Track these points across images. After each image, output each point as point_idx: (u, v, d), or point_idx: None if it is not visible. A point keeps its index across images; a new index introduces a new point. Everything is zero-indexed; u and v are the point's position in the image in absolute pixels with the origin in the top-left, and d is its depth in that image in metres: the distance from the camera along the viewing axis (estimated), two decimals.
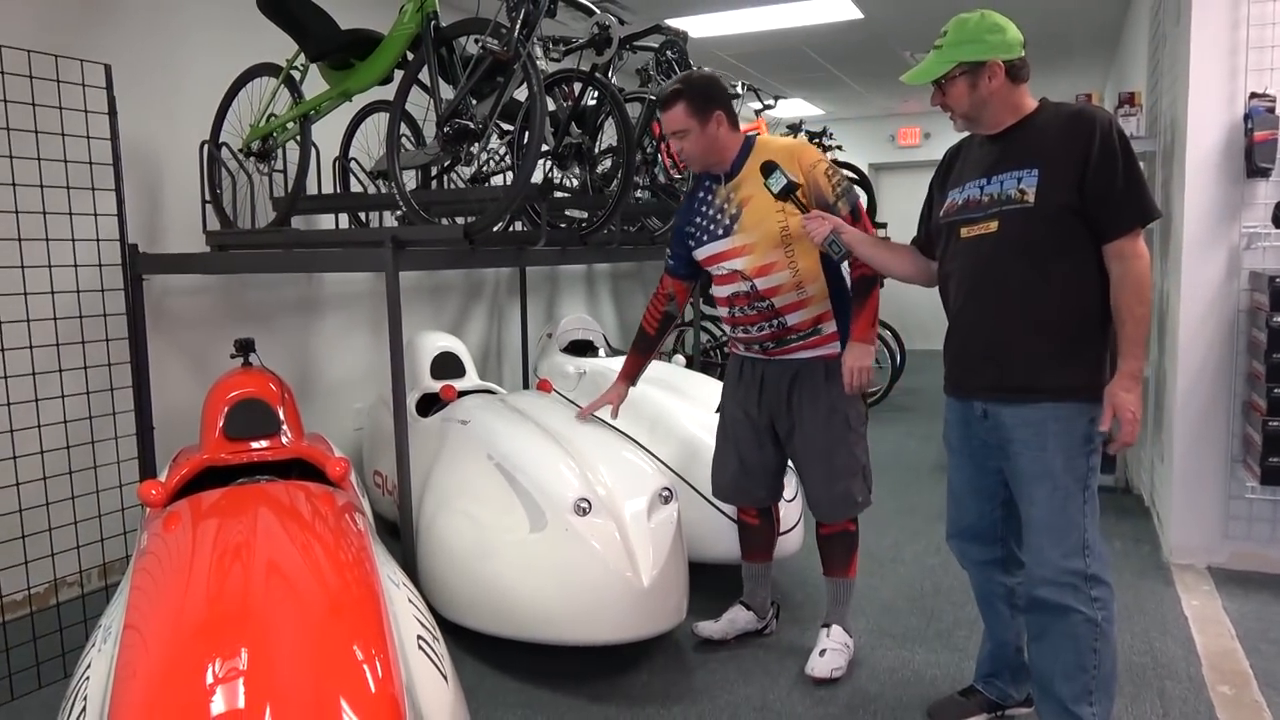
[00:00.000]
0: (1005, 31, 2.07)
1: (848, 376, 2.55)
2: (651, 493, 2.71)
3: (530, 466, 2.80)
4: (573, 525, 2.58)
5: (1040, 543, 2.10)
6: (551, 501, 2.64)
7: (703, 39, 6.13)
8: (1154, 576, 3.44)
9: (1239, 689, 2.61)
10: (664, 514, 2.70)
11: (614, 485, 2.71)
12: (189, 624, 1.60)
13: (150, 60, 3.69)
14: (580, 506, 2.60)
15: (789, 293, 2.59)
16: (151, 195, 3.74)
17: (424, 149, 3.26)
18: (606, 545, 2.55)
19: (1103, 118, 2.01)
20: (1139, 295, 2.00)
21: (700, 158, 2.65)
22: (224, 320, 4.00)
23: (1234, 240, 3.38)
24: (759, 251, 2.59)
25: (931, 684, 2.66)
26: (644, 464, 2.87)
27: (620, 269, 7.44)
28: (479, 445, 3.04)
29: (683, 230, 2.78)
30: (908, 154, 9.89)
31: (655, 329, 2.93)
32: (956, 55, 2.08)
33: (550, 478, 2.72)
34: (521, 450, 2.90)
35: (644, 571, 2.53)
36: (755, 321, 2.66)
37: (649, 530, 2.62)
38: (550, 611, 2.57)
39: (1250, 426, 3.34)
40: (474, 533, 2.78)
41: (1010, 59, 2.07)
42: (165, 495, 2.41)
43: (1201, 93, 3.39)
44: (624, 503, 2.66)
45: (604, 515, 2.61)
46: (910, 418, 6.54)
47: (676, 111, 2.59)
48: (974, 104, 2.10)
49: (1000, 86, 2.08)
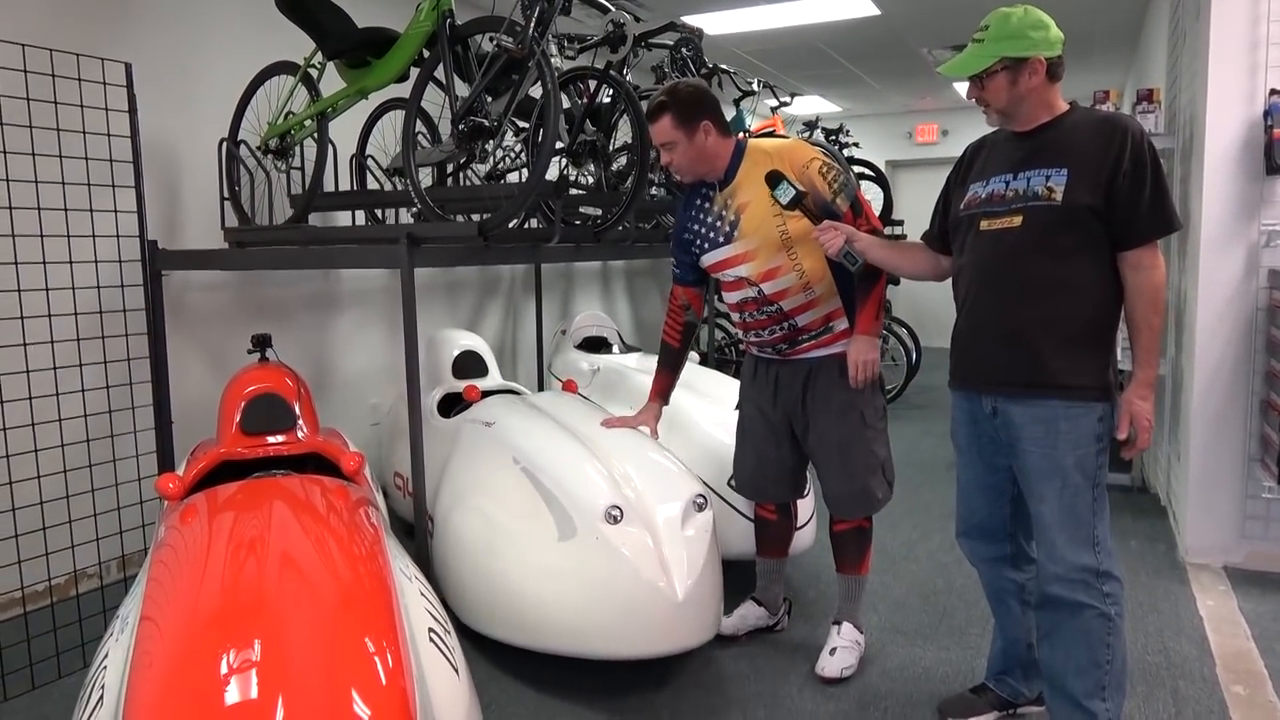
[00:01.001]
0: (1049, 29, 2.07)
1: (853, 370, 2.56)
2: (686, 499, 2.61)
3: (558, 471, 2.70)
4: (603, 534, 2.47)
5: (1051, 539, 2.11)
6: (581, 509, 2.54)
7: (719, 36, 6.12)
8: (1169, 576, 3.42)
9: (1253, 689, 2.59)
10: (699, 522, 2.60)
11: (646, 491, 2.60)
12: (204, 615, 1.63)
13: (170, 59, 3.74)
14: (611, 514, 2.49)
15: (796, 295, 2.59)
16: (171, 192, 3.78)
17: (439, 146, 3.28)
18: (639, 555, 2.44)
19: (1135, 127, 2.02)
20: (1155, 305, 2.04)
21: (689, 168, 2.64)
22: (242, 316, 4.05)
23: (1253, 238, 3.35)
24: (762, 257, 2.59)
25: (943, 681, 2.66)
26: (677, 469, 2.76)
27: (635, 266, 7.45)
28: (504, 448, 2.95)
29: (682, 238, 2.78)
30: (925, 151, 9.83)
31: (679, 341, 2.91)
32: (1000, 50, 2.07)
33: (579, 484, 2.62)
34: (549, 454, 2.80)
35: (678, 582, 2.43)
36: (766, 325, 2.66)
37: (683, 539, 2.52)
38: (579, 624, 2.47)
39: (1268, 426, 3.31)
40: (498, 540, 2.70)
41: (1051, 56, 2.07)
42: (182, 489, 2.45)
43: (1221, 89, 3.36)
44: (657, 510, 2.55)
45: (636, 523, 2.50)
46: (926, 415, 6.52)
47: (663, 124, 2.58)
48: (1012, 100, 2.10)
49: (1040, 84, 2.08)
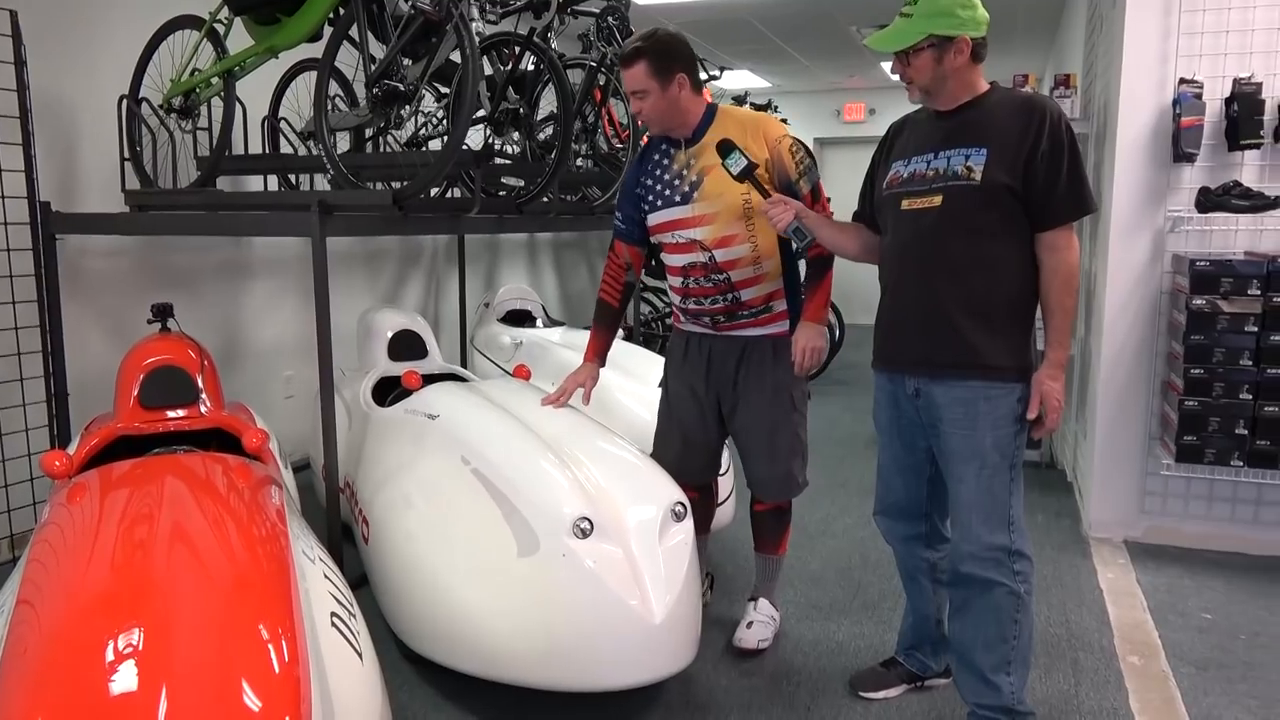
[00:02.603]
0: (976, 9, 2.07)
1: (799, 356, 2.52)
2: (664, 508, 2.31)
3: (517, 475, 2.38)
4: (571, 550, 2.16)
5: (968, 519, 2.14)
6: (546, 520, 2.23)
7: (649, 6, 6.04)
8: (1073, 550, 3.54)
9: (1147, 659, 2.70)
10: (677, 533, 2.31)
11: (618, 499, 2.30)
12: (85, 599, 1.54)
13: (64, 8, 3.50)
14: (580, 527, 2.19)
15: (746, 267, 2.54)
16: (66, 152, 3.56)
17: (354, 111, 3.17)
18: (612, 573, 2.15)
19: (1054, 108, 2.04)
20: (1068, 286, 2.07)
21: (660, 120, 2.54)
22: (144, 284, 3.85)
23: (1159, 224, 3.45)
24: (720, 222, 2.52)
25: (855, 655, 2.71)
26: (652, 471, 2.48)
27: (563, 239, 7.37)
28: (452, 445, 2.63)
29: (634, 191, 2.67)
30: (853, 129, 9.92)
31: (618, 300, 2.79)
32: (928, 27, 2.05)
33: (542, 491, 2.31)
34: (504, 454, 2.48)
35: (656, 604, 2.14)
36: (710, 294, 2.59)
37: (660, 554, 2.23)
38: (542, 651, 2.16)
39: (1168, 405, 3.44)
40: (446, 553, 2.38)
41: (977, 37, 2.06)
42: (71, 466, 2.32)
43: (1133, 77, 3.44)
44: (631, 521, 2.25)
45: (608, 537, 2.20)
46: (848, 391, 6.62)
47: (637, 70, 2.47)
48: (936, 78, 2.09)
49: (964, 64, 2.08)
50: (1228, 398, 3.20)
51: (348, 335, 4.02)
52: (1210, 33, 3.32)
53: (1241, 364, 3.17)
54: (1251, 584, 3.21)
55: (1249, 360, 3.16)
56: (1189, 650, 2.75)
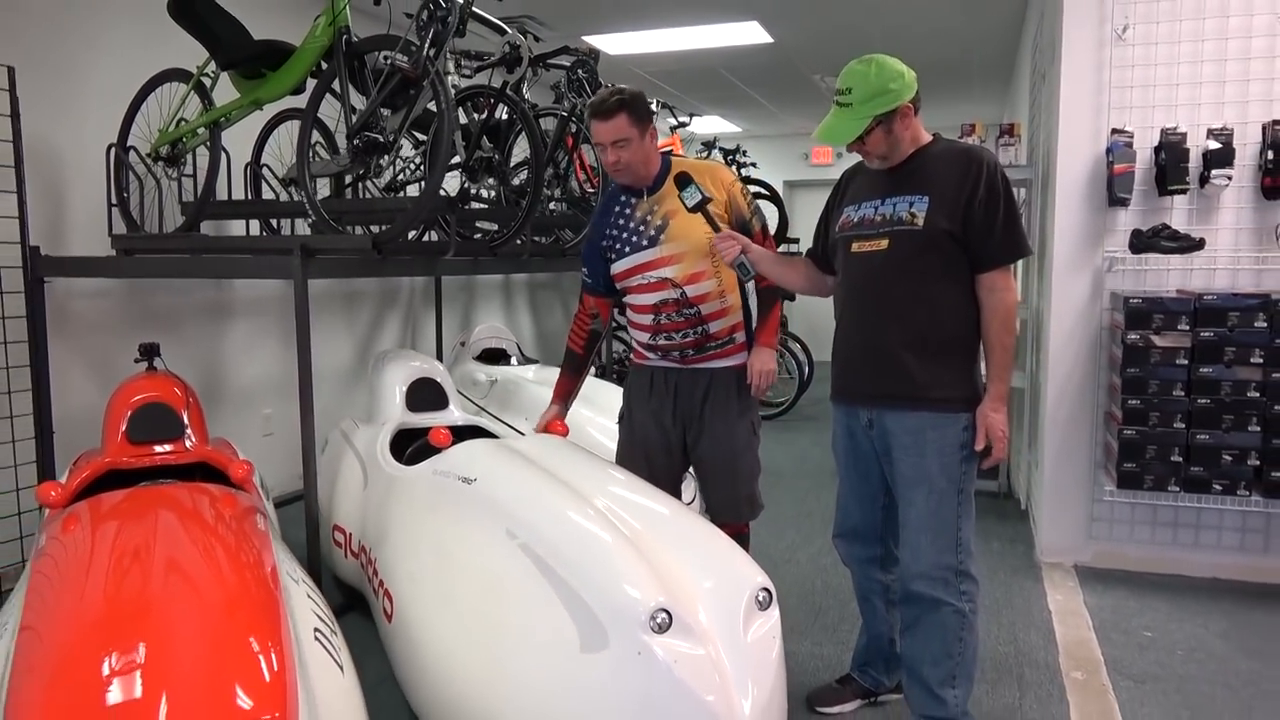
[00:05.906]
0: (904, 75, 2.22)
1: (755, 379, 2.70)
2: (747, 594, 2.00)
3: (575, 554, 2.04)
4: (648, 647, 1.82)
5: (918, 541, 2.29)
6: (615, 610, 1.88)
7: (620, 56, 6.28)
8: (1025, 574, 3.70)
9: (1090, 674, 2.85)
10: (764, 624, 2.01)
11: (697, 584, 1.98)
12: (87, 620, 1.66)
13: (56, 62, 3.66)
14: (657, 620, 1.84)
15: (714, 300, 2.71)
16: (56, 198, 3.70)
17: (335, 159, 3.33)
18: (696, 676, 1.82)
19: (990, 159, 2.23)
20: (1006, 325, 2.24)
21: (634, 168, 2.69)
22: (130, 325, 3.97)
23: (1098, 263, 3.67)
24: (689, 260, 2.69)
25: (814, 674, 2.84)
26: (729, 550, 2.14)
27: (537, 279, 7.54)
28: (494, 515, 2.29)
29: (599, 244, 2.83)
30: (821, 172, 10.21)
31: (583, 348, 2.97)
32: (870, 111, 2.20)
33: (609, 574, 1.95)
34: (559, 528, 2.14)
35: (745, 704, 1.85)
36: (681, 328, 2.74)
37: (747, 648, 1.93)
38: None
39: (1109, 435, 3.63)
40: (493, 643, 2.04)
41: (913, 97, 2.24)
42: (65, 497, 2.43)
43: (1070, 126, 3.68)
44: (713, 612, 1.94)
45: (688, 632, 1.86)
46: (815, 426, 6.79)
47: (619, 121, 2.62)
48: (890, 145, 2.26)
49: (911, 122, 2.26)
50: (1163, 426, 3.39)
51: (328, 375, 4.15)
52: (1139, 86, 3.57)
53: (1174, 395, 3.37)
54: (1192, 603, 3.39)
55: (1181, 391, 3.36)
56: (1129, 665, 2.90)
